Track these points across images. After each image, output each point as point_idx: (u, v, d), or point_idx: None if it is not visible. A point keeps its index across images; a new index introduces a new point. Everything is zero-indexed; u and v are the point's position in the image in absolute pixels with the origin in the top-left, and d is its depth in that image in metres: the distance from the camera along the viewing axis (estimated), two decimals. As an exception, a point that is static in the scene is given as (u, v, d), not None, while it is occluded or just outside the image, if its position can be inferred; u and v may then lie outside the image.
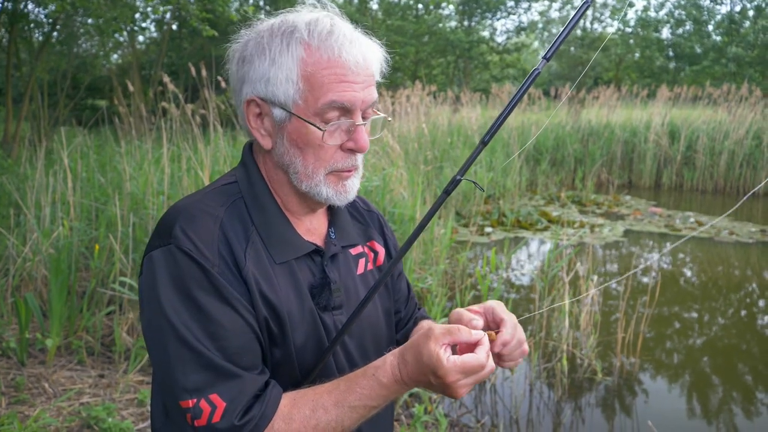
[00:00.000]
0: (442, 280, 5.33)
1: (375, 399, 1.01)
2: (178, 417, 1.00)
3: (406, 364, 0.99)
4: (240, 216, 1.07)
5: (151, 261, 1.01)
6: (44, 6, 9.57)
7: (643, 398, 4.00)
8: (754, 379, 4.36)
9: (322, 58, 1.02)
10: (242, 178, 1.12)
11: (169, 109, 5.91)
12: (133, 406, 3.27)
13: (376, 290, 1.07)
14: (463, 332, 0.98)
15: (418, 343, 0.99)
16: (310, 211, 1.15)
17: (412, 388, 1.03)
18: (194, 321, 0.97)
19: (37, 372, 3.54)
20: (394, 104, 11.49)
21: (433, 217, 1.04)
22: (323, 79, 1.02)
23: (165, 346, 0.98)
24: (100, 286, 4.21)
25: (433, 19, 24.64)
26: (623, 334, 4.44)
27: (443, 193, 1.02)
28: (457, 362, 0.95)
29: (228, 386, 0.97)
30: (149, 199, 4.61)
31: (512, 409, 3.78)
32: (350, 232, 1.22)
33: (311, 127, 1.03)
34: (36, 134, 10.70)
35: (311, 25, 1.03)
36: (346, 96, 1.02)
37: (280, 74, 1.02)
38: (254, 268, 1.03)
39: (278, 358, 1.07)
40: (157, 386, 1.11)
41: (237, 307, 1.00)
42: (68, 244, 4.19)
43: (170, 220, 1.03)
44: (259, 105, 1.07)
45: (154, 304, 0.99)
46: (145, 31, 18.11)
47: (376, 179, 5.52)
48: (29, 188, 4.76)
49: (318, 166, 1.06)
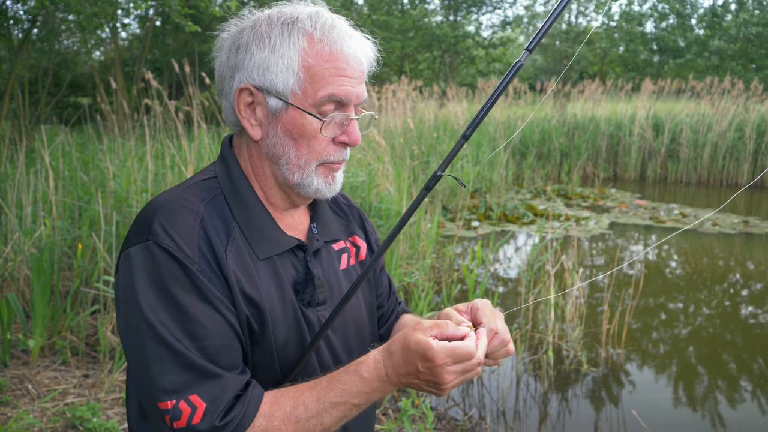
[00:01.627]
0: (429, 275, 5.33)
1: (356, 396, 0.98)
2: (156, 418, 0.97)
3: (392, 356, 0.97)
4: (221, 212, 1.05)
5: (128, 258, 0.99)
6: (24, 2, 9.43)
7: (629, 388, 4.04)
8: (737, 368, 4.41)
9: (323, 50, 1.02)
10: (222, 174, 1.10)
11: (152, 106, 5.85)
12: (119, 406, 3.25)
13: (358, 286, 1.06)
14: (450, 326, 0.98)
15: (405, 334, 0.97)
16: (293, 205, 1.14)
17: (396, 386, 1.00)
18: (173, 320, 0.95)
19: (20, 373, 3.50)
20: (380, 99, 11.46)
21: (413, 213, 1.03)
22: (324, 71, 1.02)
23: (143, 346, 0.96)
24: (84, 286, 4.17)
25: (418, 13, 24.59)
26: (608, 325, 4.47)
27: (423, 189, 1.02)
28: (447, 345, 0.94)
29: (208, 386, 0.95)
30: (133, 197, 4.56)
31: (499, 401, 3.79)
32: (332, 228, 1.21)
33: (309, 117, 1.03)
34: (17, 133, 10.54)
35: (314, 18, 1.04)
36: (344, 90, 1.03)
37: (281, 63, 1.02)
38: (235, 266, 1.01)
39: (258, 355, 1.06)
40: (134, 387, 1.08)
41: (217, 306, 0.98)
42: (51, 243, 4.14)
43: (149, 216, 1.00)
44: (253, 93, 1.05)
45: (131, 303, 0.97)
46: (127, 28, 17.91)
47: (362, 174, 5.51)
48: (10, 188, 4.69)
49: (311, 158, 1.06)
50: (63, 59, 16.30)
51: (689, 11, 27.33)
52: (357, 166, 5.94)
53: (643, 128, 13.09)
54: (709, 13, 26.34)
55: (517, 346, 4.28)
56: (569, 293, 4.56)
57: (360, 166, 6.00)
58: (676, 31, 27.07)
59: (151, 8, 13.16)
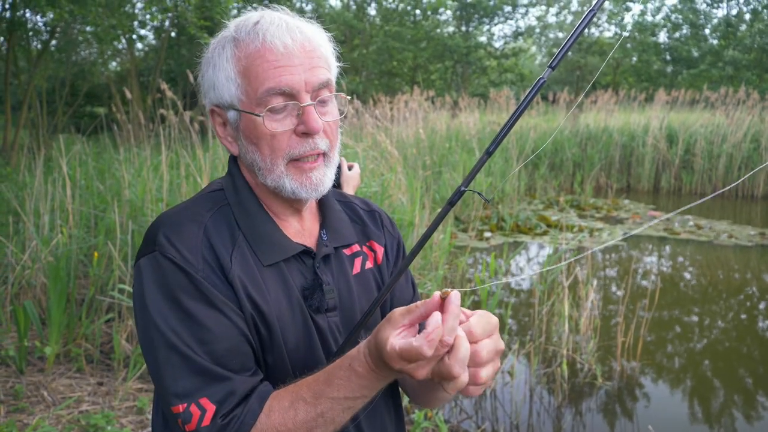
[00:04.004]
0: (441, 286, 5.32)
1: (355, 390, 0.96)
2: (173, 423, 1.00)
3: (371, 351, 0.94)
4: (226, 221, 1.08)
5: (138, 269, 1.03)
6: (43, 14, 9.59)
7: (643, 403, 3.99)
8: (754, 383, 4.35)
9: (249, 49, 1.04)
10: (228, 186, 1.13)
11: (167, 116, 5.92)
12: (132, 414, 3.26)
13: (377, 304, 1.04)
14: (419, 308, 0.90)
15: (378, 328, 0.93)
16: (295, 211, 1.15)
17: (387, 376, 0.95)
18: (182, 326, 0.98)
19: (36, 380, 3.53)
20: (392, 109, 11.50)
21: (436, 228, 1.01)
22: (257, 69, 1.03)
23: (156, 353, 0.99)
24: (99, 294, 4.20)
25: (430, 24, 24.69)
26: (623, 338, 4.43)
27: (447, 204, 1.00)
28: (397, 349, 0.87)
29: (217, 389, 0.97)
30: (148, 206, 4.60)
31: (512, 414, 3.77)
32: (344, 232, 1.21)
33: (256, 118, 1.04)
34: (35, 142, 10.70)
35: (239, 23, 1.07)
36: (283, 80, 1.02)
37: (221, 75, 1.06)
38: (240, 272, 1.03)
39: (270, 361, 1.07)
40: (157, 394, 1.11)
41: (224, 310, 1.00)
42: (67, 251, 4.18)
43: (155, 229, 1.05)
44: (219, 113, 1.10)
45: (143, 312, 1.01)
46: (143, 39, 18.15)
47: (375, 185, 5.52)
48: (28, 196, 4.76)
49: (275, 157, 1.05)
50: (80, 70, 16.54)
51: (703, 21, 27.20)
52: (370, 176, 5.96)
53: (657, 139, 13.01)
54: (723, 23, 26.20)
55: (531, 358, 4.26)
56: (583, 305, 4.53)
57: (373, 177, 6.01)
58: (689, 41, 26.94)
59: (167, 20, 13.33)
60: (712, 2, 27.07)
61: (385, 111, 11.09)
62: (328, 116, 1.08)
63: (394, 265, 1.28)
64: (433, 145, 10.30)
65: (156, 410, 1.13)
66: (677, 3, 27.87)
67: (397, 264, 1.28)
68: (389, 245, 1.29)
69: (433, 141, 10.50)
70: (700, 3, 27.34)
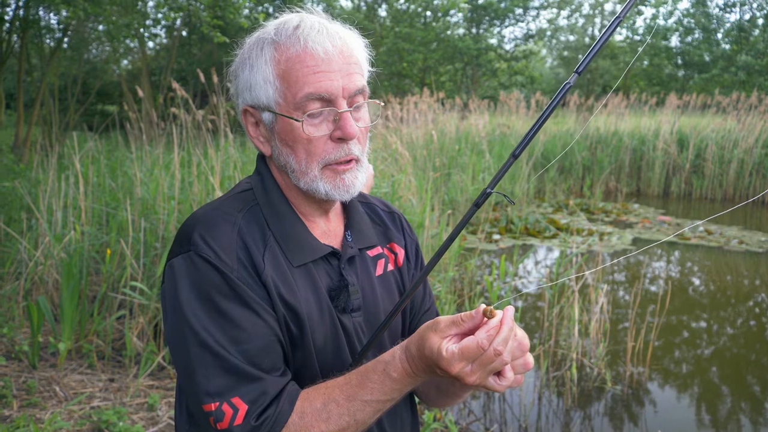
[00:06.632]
0: (450, 288, 5.33)
1: (387, 393, 1.00)
2: (202, 420, 1.01)
3: (413, 358, 0.98)
4: (257, 221, 1.09)
5: (172, 269, 1.03)
6: (57, 12, 9.67)
7: (652, 408, 3.98)
8: (762, 390, 4.33)
9: (290, 52, 1.04)
10: (257, 186, 1.14)
11: (179, 115, 5.95)
12: (143, 411, 3.29)
13: (401, 306, 1.06)
14: (465, 320, 0.94)
15: (421, 335, 0.97)
16: (323, 212, 1.17)
17: (427, 377, 1.00)
18: (215, 325, 0.99)
19: (48, 375, 3.57)
20: (402, 111, 11.51)
21: (462, 229, 1.03)
22: (297, 73, 1.04)
23: (188, 351, 1.00)
24: (111, 291, 4.24)
25: (441, 26, 24.68)
26: (633, 342, 4.42)
27: (473, 206, 1.01)
28: (455, 351, 0.92)
29: (249, 389, 0.99)
30: (160, 204, 4.64)
31: (521, 417, 3.77)
32: (367, 234, 1.23)
33: (294, 122, 1.05)
34: (47, 139, 10.79)
35: (279, 26, 1.07)
36: (322, 86, 1.03)
37: (259, 77, 1.07)
38: (273, 272, 1.05)
39: (299, 360, 1.09)
40: (181, 391, 1.13)
41: (257, 311, 1.02)
42: (80, 248, 4.22)
43: (189, 228, 1.05)
44: (252, 113, 1.11)
45: (176, 311, 1.01)
46: (155, 38, 18.25)
47: (385, 186, 5.54)
48: (41, 193, 4.80)
49: (311, 161, 1.07)
50: (92, 68, 16.66)
51: (715, 26, 27.04)
52: (380, 177, 5.97)
53: (667, 143, 12.95)
54: (736, 27, 26.04)
55: (540, 361, 4.26)
56: (592, 309, 4.52)
57: (383, 178, 6.03)
58: (701, 45, 26.79)
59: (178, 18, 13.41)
60: (725, 7, 26.91)
61: (395, 112, 11.11)
62: (361, 122, 1.10)
63: (415, 267, 1.29)
64: (442, 146, 10.30)
65: (179, 408, 1.14)
66: (690, 7, 27.73)
67: (418, 266, 1.30)
68: (409, 248, 1.31)
69: (442, 143, 10.50)
70: (712, 7, 27.19)
